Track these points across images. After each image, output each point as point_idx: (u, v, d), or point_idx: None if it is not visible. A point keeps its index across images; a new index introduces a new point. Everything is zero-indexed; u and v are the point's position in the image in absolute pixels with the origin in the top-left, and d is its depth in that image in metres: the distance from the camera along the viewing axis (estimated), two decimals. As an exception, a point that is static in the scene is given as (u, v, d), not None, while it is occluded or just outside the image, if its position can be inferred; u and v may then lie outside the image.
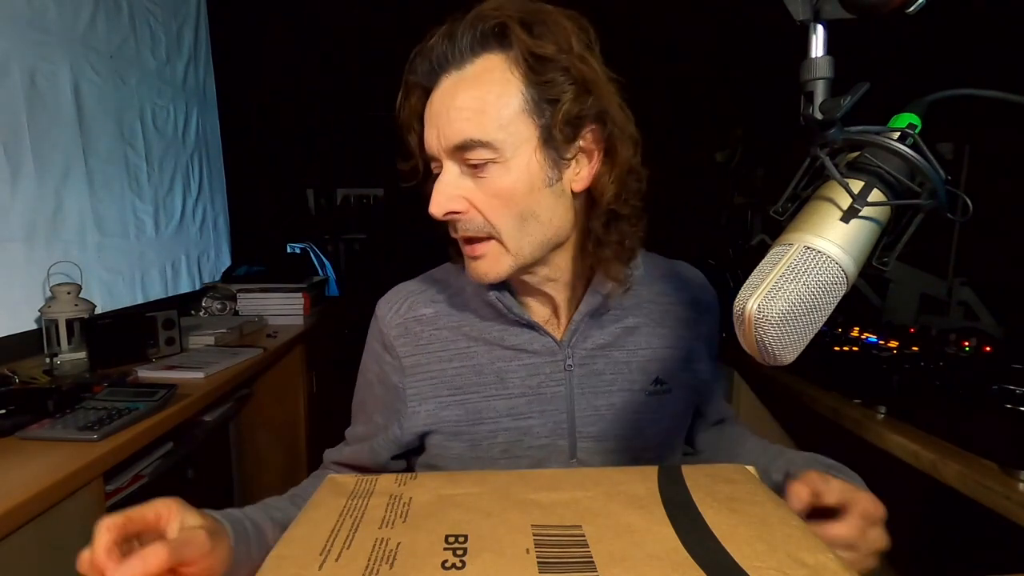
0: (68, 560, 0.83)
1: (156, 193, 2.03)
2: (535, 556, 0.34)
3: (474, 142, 0.54)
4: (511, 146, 0.54)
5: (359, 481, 0.45)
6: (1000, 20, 1.64)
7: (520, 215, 0.56)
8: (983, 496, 0.80)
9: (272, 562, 0.35)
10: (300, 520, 0.40)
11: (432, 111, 0.56)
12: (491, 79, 0.54)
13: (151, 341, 1.45)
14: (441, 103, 0.55)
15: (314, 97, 3.80)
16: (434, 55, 0.56)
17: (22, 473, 0.80)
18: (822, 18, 0.39)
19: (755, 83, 3.07)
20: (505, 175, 0.55)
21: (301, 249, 3.67)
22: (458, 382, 0.64)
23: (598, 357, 0.65)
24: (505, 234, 0.57)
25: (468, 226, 0.57)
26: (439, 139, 0.56)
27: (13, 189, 1.38)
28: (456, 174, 0.56)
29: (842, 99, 0.38)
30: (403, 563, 0.33)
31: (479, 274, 0.59)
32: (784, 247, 0.38)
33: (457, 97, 0.55)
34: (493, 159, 0.54)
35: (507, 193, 0.55)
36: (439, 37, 0.56)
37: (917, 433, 0.97)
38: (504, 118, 0.54)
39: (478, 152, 0.54)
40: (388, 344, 0.67)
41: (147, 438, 1.01)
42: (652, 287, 0.69)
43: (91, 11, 1.67)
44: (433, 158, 0.58)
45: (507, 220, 0.56)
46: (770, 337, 0.37)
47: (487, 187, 0.55)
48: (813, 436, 1.50)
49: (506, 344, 0.64)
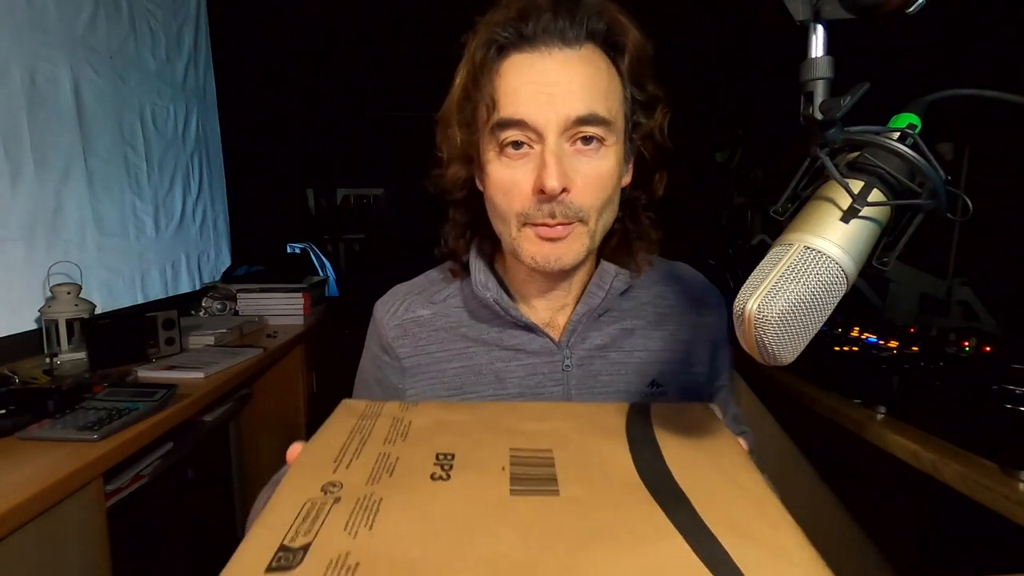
0: (68, 560, 0.83)
1: (156, 193, 2.03)
2: (509, 473, 0.41)
3: (597, 117, 0.54)
4: (617, 131, 0.57)
5: (368, 405, 0.52)
6: (1000, 20, 1.64)
7: (607, 200, 0.58)
8: (983, 496, 0.80)
9: (295, 469, 0.42)
10: (318, 435, 0.47)
11: (547, 80, 0.53)
12: (603, 67, 0.56)
13: (151, 341, 1.45)
14: (561, 74, 0.54)
15: (314, 97, 3.80)
16: (547, 23, 0.54)
17: (22, 473, 0.80)
18: (822, 18, 0.39)
19: (755, 83, 3.07)
20: (607, 158, 0.56)
21: (301, 249, 3.67)
22: (457, 382, 0.64)
23: (595, 358, 0.64)
24: (593, 218, 0.57)
25: (568, 208, 0.55)
26: (557, 109, 0.53)
27: (13, 189, 1.38)
28: (564, 149, 0.54)
29: (842, 99, 0.38)
30: (400, 473, 0.41)
31: (555, 256, 0.57)
32: (784, 247, 0.38)
33: (583, 72, 0.54)
34: (605, 139, 0.55)
35: (606, 176, 0.56)
36: (552, 10, 0.54)
37: (917, 433, 0.97)
38: (615, 103, 0.56)
39: (596, 128, 0.54)
40: (387, 345, 0.67)
41: (147, 438, 1.01)
42: (651, 289, 0.69)
43: (91, 11, 1.67)
44: (530, 128, 0.54)
45: (598, 203, 0.57)
46: (770, 337, 0.37)
47: (591, 167, 0.55)
48: (813, 436, 1.50)
49: (504, 345, 0.64)
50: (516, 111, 0.54)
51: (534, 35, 0.54)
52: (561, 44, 0.54)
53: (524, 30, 0.54)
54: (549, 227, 0.56)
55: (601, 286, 0.63)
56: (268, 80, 3.23)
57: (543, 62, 0.54)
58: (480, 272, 0.64)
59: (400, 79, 3.61)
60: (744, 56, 3.05)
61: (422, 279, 0.72)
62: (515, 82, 0.55)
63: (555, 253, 0.57)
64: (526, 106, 0.54)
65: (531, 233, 0.57)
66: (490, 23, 0.56)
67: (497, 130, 0.55)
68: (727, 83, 3.42)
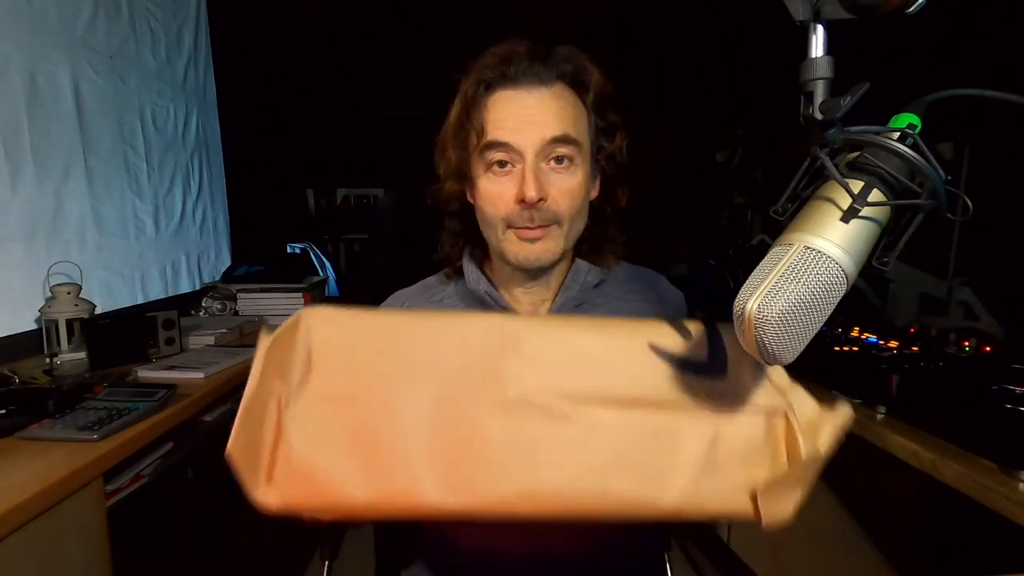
0: (68, 560, 0.83)
1: (156, 193, 2.03)
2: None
3: (568, 138, 0.66)
4: (584, 153, 0.69)
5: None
6: (1000, 20, 1.64)
7: (578, 209, 0.69)
8: (983, 496, 0.80)
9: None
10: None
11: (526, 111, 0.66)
12: (571, 100, 0.68)
13: (151, 341, 1.45)
14: (537, 107, 0.66)
15: (314, 97, 3.80)
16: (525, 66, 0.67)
17: (22, 473, 0.80)
18: (822, 18, 0.39)
19: (755, 83, 3.07)
20: (576, 175, 0.68)
21: (301, 249, 3.67)
22: None
23: None
24: (567, 223, 0.68)
25: (545, 214, 0.66)
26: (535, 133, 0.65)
27: (13, 189, 1.38)
28: (540, 167, 0.66)
29: (842, 99, 0.38)
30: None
31: (537, 254, 0.68)
32: (784, 247, 0.38)
33: (555, 105, 0.66)
34: (574, 158, 0.67)
35: (576, 189, 0.68)
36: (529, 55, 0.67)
37: (917, 433, 0.97)
38: (582, 129, 0.69)
39: (568, 148, 0.66)
40: None
41: (147, 438, 1.01)
42: (620, 287, 0.80)
43: (91, 11, 1.67)
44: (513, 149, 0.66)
45: (571, 211, 0.68)
46: (770, 337, 0.37)
47: (564, 182, 0.67)
48: (813, 436, 1.50)
49: None
50: (502, 135, 0.66)
51: (516, 76, 0.67)
52: (537, 83, 0.67)
53: (507, 72, 0.67)
54: (530, 229, 0.67)
55: (576, 280, 0.74)
56: (268, 80, 3.23)
57: (523, 97, 0.67)
58: (472, 272, 0.75)
59: (400, 79, 3.61)
60: (744, 56, 3.05)
61: (420, 285, 0.82)
62: (501, 113, 0.67)
63: (535, 252, 0.68)
64: (510, 132, 0.66)
65: (513, 236, 0.68)
66: (480, 66, 0.68)
67: (485, 151, 0.67)
68: (727, 83, 3.42)
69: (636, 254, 0.86)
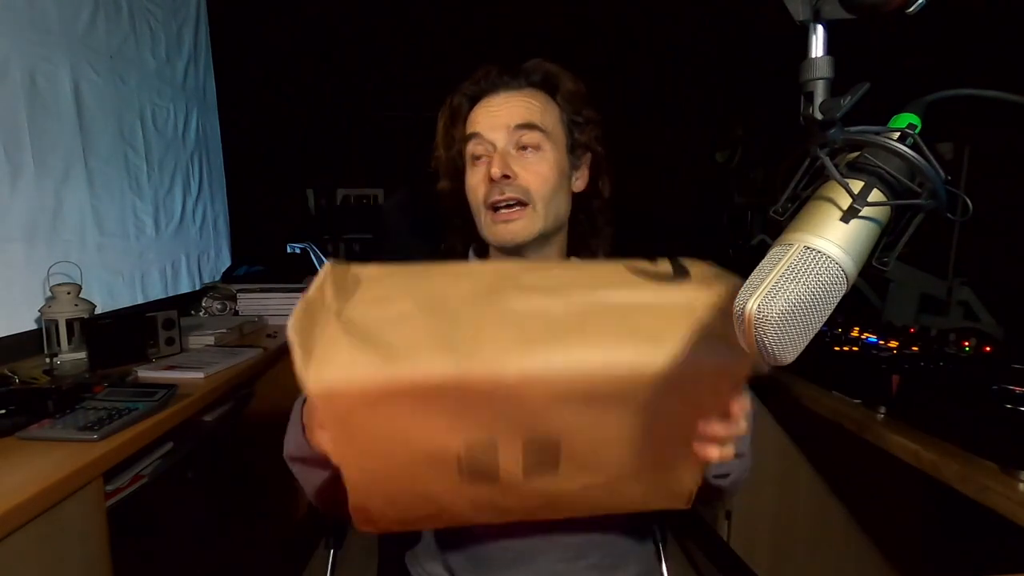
0: (68, 560, 0.83)
1: (156, 193, 2.03)
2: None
3: (535, 125, 0.74)
4: (553, 140, 0.76)
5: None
6: (1000, 20, 1.64)
7: (551, 190, 0.76)
8: (983, 496, 0.80)
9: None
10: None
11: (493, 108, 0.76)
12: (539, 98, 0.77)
13: (151, 341, 1.45)
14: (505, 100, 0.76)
15: (314, 97, 3.79)
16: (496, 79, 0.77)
17: (22, 473, 0.80)
18: (822, 18, 0.39)
19: (755, 83, 3.07)
20: (546, 159, 0.75)
21: (301, 249, 3.66)
22: None
23: None
24: (540, 202, 0.75)
25: (513, 190, 0.73)
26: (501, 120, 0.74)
27: (13, 189, 1.38)
28: (509, 152, 0.75)
29: (842, 99, 0.38)
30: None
31: (513, 232, 0.74)
32: (784, 247, 0.38)
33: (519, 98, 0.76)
34: (540, 144, 0.75)
35: (546, 172, 0.75)
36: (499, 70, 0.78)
37: (917, 433, 0.97)
38: (550, 120, 0.77)
39: (534, 134, 0.74)
40: None
41: (147, 438, 1.01)
42: None
43: (91, 11, 1.67)
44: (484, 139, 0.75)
45: (542, 191, 0.75)
46: (770, 337, 0.37)
47: (532, 165, 0.75)
48: (813, 436, 1.50)
49: None
50: (475, 128, 0.77)
51: (490, 87, 0.78)
52: (507, 89, 0.77)
53: (484, 85, 0.78)
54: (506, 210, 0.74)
55: None
56: (268, 80, 3.23)
57: (494, 99, 0.77)
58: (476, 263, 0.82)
59: (400, 79, 3.61)
60: (744, 56, 3.05)
61: None
62: (477, 115, 0.78)
63: (511, 231, 0.75)
64: (481, 124, 0.77)
65: (490, 218, 0.75)
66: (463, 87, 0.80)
67: (465, 146, 0.78)
68: (727, 83, 3.42)
69: (637, 254, 0.87)
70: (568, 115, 0.79)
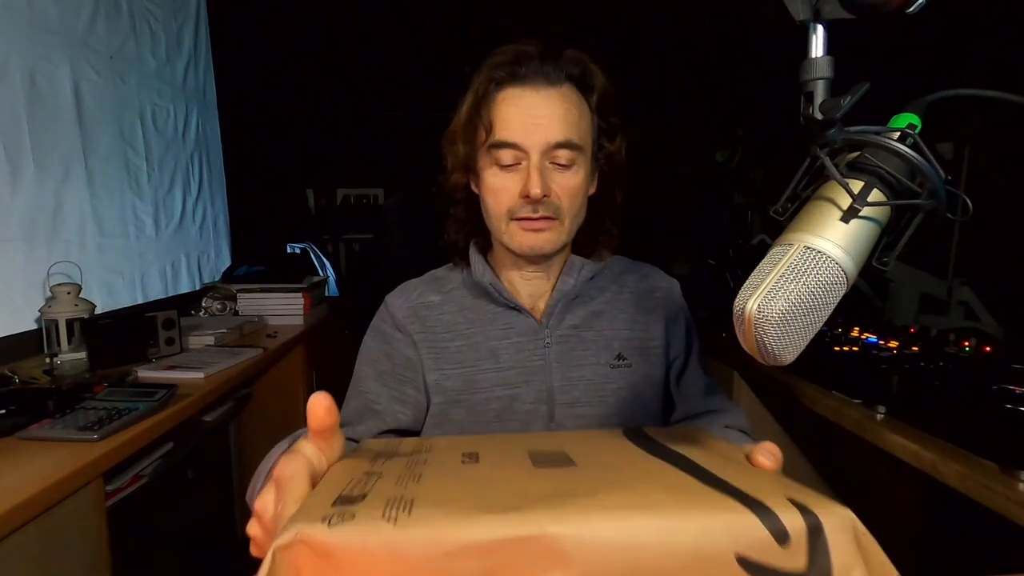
0: (68, 560, 0.83)
1: (156, 193, 2.03)
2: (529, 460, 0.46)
3: (572, 143, 0.70)
4: (586, 154, 0.72)
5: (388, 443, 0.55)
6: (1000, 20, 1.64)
7: (580, 205, 0.74)
8: (983, 496, 0.80)
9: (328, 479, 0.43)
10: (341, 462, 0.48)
11: (533, 111, 0.69)
12: (576, 102, 0.71)
13: (151, 341, 1.45)
14: (544, 107, 0.69)
15: (314, 97, 3.80)
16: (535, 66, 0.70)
17: (22, 473, 0.80)
18: (822, 18, 0.39)
19: (755, 83, 3.07)
20: (578, 174, 0.71)
21: (301, 249, 3.67)
22: (458, 357, 0.76)
23: (571, 336, 0.77)
24: (569, 218, 0.72)
25: (548, 208, 0.70)
26: (540, 135, 0.68)
27: (13, 189, 1.38)
28: (545, 166, 0.70)
29: (842, 99, 0.38)
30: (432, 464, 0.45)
31: (540, 243, 0.72)
32: (784, 247, 0.38)
33: (562, 108, 0.69)
34: (575, 160, 0.70)
35: (577, 187, 0.72)
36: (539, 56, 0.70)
37: (917, 433, 0.97)
38: (585, 130, 0.72)
39: (570, 152, 0.70)
40: (399, 325, 0.78)
41: (147, 438, 1.01)
42: (616, 280, 0.83)
43: (91, 11, 1.67)
44: (519, 148, 0.69)
45: (573, 207, 0.72)
46: (770, 337, 0.37)
47: (566, 180, 0.71)
48: (813, 436, 1.51)
49: (498, 325, 0.77)
50: (510, 135, 0.69)
51: (525, 75, 0.70)
52: (545, 84, 0.70)
53: (518, 71, 0.70)
54: (533, 220, 0.71)
55: (571, 274, 0.78)
56: (268, 80, 3.23)
57: (532, 96, 0.70)
58: (478, 264, 0.79)
59: (400, 79, 3.62)
60: (744, 56, 3.05)
61: (428, 276, 0.85)
62: (509, 111, 0.70)
63: (538, 241, 0.72)
64: (518, 132, 0.69)
65: (517, 227, 0.72)
66: (491, 64, 0.71)
67: (493, 149, 0.70)
68: (727, 83, 3.42)
69: (637, 254, 0.87)
70: (597, 120, 0.75)
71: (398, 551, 0.34)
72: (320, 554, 0.33)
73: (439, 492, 0.38)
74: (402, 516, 0.35)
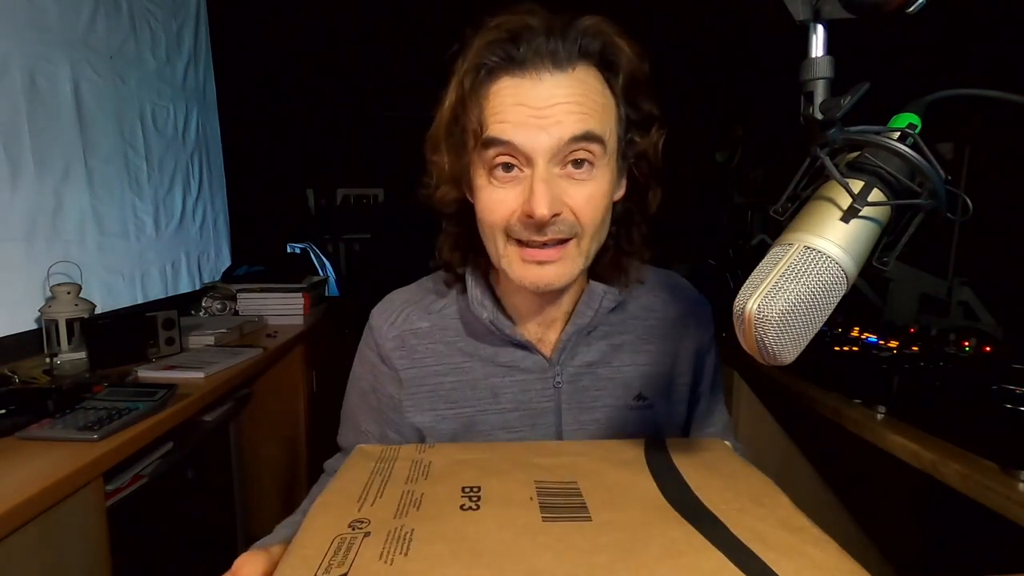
0: (68, 560, 0.83)
1: (156, 193, 2.03)
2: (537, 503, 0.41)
3: (592, 135, 0.53)
4: (610, 151, 0.56)
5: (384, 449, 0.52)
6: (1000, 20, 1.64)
7: (602, 218, 0.57)
8: (983, 496, 0.80)
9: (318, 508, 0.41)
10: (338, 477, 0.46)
11: (536, 105, 0.52)
12: (595, 86, 0.55)
13: (151, 341, 1.45)
14: (554, 96, 0.52)
15: (314, 97, 3.79)
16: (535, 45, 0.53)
17: (22, 473, 0.80)
18: (822, 18, 0.39)
19: (755, 83, 3.07)
20: (598, 179, 0.55)
21: (301, 249, 3.67)
22: (454, 396, 0.65)
23: (584, 374, 0.66)
24: (587, 237, 0.57)
25: (561, 228, 0.55)
26: (547, 134, 0.52)
27: (13, 189, 1.38)
28: (553, 174, 0.54)
29: (842, 99, 0.38)
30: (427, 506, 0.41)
31: (548, 279, 0.56)
32: (784, 247, 0.38)
33: (576, 92, 0.53)
34: (596, 158, 0.54)
35: (598, 197, 0.56)
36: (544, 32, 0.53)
37: (917, 433, 0.97)
38: (609, 121, 0.56)
39: (591, 147, 0.53)
40: (385, 356, 0.67)
41: (147, 438, 1.01)
42: (640, 301, 0.70)
43: (91, 11, 1.67)
44: (520, 153, 0.53)
45: (593, 222, 0.56)
46: (770, 337, 0.37)
47: (582, 191, 0.55)
48: (813, 436, 1.50)
49: (499, 361, 0.66)
50: (503, 132, 0.53)
51: (525, 58, 0.53)
52: (552, 67, 0.53)
53: (515, 53, 0.53)
54: (539, 250, 0.55)
55: (590, 305, 0.64)
56: (268, 80, 3.23)
57: (534, 87, 0.53)
58: (476, 289, 0.65)
59: (400, 79, 3.61)
60: (744, 56, 3.05)
61: (416, 288, 0.72)
62: (503, 103, 0.54)
63: (546, 277, 0.56)
64: (515, 129, 0.53)
65: (517, 255, 0.57)
66: (480, 46, 0.55)
67: (482, 149, 0.55)
68: (727, 83, 3.42)
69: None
70: (625, 108, 0.58)
71: None
72: None
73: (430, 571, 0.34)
74: None
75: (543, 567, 0.34)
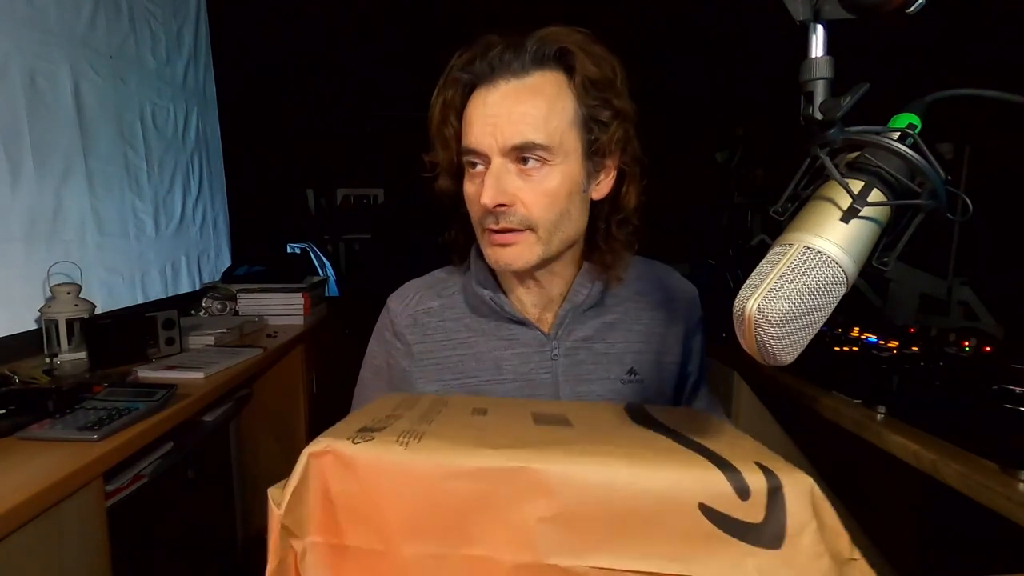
0: (68, 560, 0.83)
1: (156, 193, 2.03)
2: (532, 417, 0.53)
3: (535, 144, 0.61)
4: (562, 153, 0.63)
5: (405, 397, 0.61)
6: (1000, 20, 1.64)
7: (560, 213, 0.64)
8: (983, 496, 0.80)
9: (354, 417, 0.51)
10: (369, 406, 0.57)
11: (489, 111, 0.62)
12: (551, 92, 0.62)
13: (151, 341, 1.45)
14: (502, 106, 0.61)
15: (314, 97, 3.80)
16: (495, 59, 0.62)
17: (22, 473, 0.80)
18: (822, 18, 0.39)
19: (755, 83, 3.07)
20: (553, 177, 0.63)
21: (301, 249, 3.67)
22: (460, 367, 0.72)
23: (580, 349, 0.72)
24: (543, 228, 0.64)
25: (512, 218, 0.63)
26: (496, 137, 0.61)
27: (13, 189, 1.38)
28: (507, 170, 0.62)
29: (842, 99, 0.38)
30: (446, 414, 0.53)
31: (507, 261, 0.65)
32: (784, 247, 0.38)
33: (521, 103, 0.61)
34: (546, 161, 0.62)
35: (553, 193, 0.63)
36: (501, 46, 0.62)
37: (917, 433, 0.97)
38: (560, 128, 0.62)
39: (535, 153, 0.61)
40: (399, 333, 0.75)
41: (147, 438, 1.01)
42: (631, 286, 0.77)
43: (91, 11, 1.67)
44: (479, 153, 0.63)
45: (548, 216, 0.64)
46: (770, 337, 0.37)
47: (535, 186, 0.62)
48: (813, 436, 1.50)
49: (501, 335, 0.73)
50: (469, 141, 0.64)
51: (489, 71, 0.63)
52: (509, 76, 0.62)
53: (479, 69, 0.63)
54: (499, 233, 0.64)
55: (584, 285, 0.72)
56: (268, 80, 3.23)
57: (491, 95, 0.62)
58: (480, 271, 0.73)
59: (400, 79, 3.61)
60: (744, 56, 3.05)
61: (429, 276, 0.80)
62: (471, 115, 0.64)
63: (505, 257, 0.65)
64: (475, 136, 0.63)
65: (487, 239, 0.66)
66: (456, 66, 0.65)
67: (461, 156, 0.66)
68: (727, 83, 3.42)
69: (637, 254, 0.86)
70: (586, 109, 0.63)
71: (405, 469, 0.42)
72: (343, 463, 0.42)
73: (447, 431, 0.47)
74: (412, 443, 0.43)
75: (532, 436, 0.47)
